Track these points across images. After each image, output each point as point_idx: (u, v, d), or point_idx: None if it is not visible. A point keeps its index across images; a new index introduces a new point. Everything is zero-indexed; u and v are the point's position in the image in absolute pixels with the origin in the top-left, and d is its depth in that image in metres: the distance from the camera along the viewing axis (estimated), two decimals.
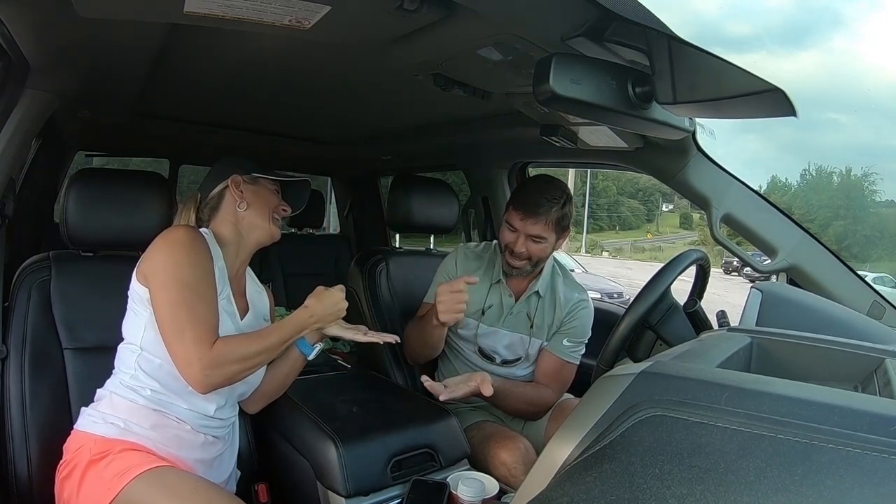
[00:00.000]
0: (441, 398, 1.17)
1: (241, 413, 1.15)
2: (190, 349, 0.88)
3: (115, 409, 0.95)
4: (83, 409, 0.99)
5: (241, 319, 1.06)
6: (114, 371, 1.00)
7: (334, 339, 1.19)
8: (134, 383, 0.96)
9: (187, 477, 0.93)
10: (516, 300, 1.41)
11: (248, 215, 1.07)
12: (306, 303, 1.03)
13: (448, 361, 1.47)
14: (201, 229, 1.04)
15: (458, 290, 1.20)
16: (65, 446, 0.96)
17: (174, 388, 0.96)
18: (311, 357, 1.14)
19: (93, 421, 0.95)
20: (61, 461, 0.95)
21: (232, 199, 1.07)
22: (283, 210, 1.12)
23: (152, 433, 0.94)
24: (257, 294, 1.14)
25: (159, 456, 0.93)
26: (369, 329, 1.12)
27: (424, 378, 1.21)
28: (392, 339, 1.14)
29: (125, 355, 0.98)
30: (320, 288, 1.05)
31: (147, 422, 0.94)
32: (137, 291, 0.96)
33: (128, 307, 0.99)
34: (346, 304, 1.06)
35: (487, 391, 1.21)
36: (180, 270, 0.92)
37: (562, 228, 1.34)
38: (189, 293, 0.91)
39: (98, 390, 1.00)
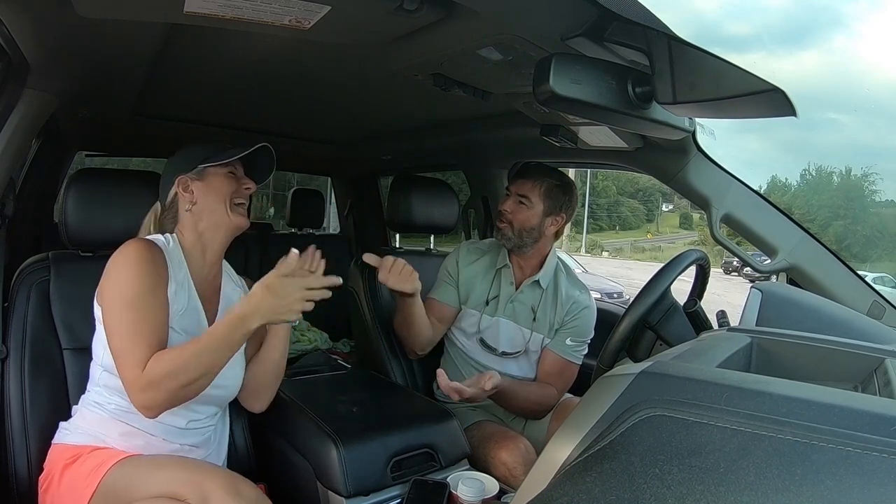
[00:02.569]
0: (454, 398, 1.19)
1: (242, 413, 1.15)
2: (130, 373, 0.85)
3: (85, 422, 0.95)
4: (61, 423, 0.98)
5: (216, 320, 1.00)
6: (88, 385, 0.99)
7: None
8: (100, 399, 0.95)
9: (164, 454, 0.93)
10: (517, 288, 1.42)
11: (202, 213, 1.00)
12: (253, 290, 0.86)
13: (451, 360, 1.47)
14: (166, 235, 1.00)
15: (389, 265, 1.27)
16: (45, 462, 0.96)
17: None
18: (295, 322, 0.93)
19: (67, 433, 0.95)
20: (41, 475, 0.95)
21: (183, 204, 1.00)
22: (246, 189, 1.02)
23: (122, 440, 0.93)
24: (233, 293, 1.09)
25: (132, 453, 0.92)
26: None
27: (440, 371, 1.21)
28: (335, 280, 0.90)
29: (93, 371, 0.97)
30: (273, 278, 0.85)
31: (116, 431, 0.93)
32: (98, 310, 0.93)
33: (96, 323, 0.96)
34: (307, 306, 0.86)
35: (490, 384, 1.21)
36: (124, 288, 0.88)
37: (552, 204, 1.37)
38: (131, 314, 0.87)
39: (73, 406, 1.00)
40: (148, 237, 0.98)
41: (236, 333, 0.85)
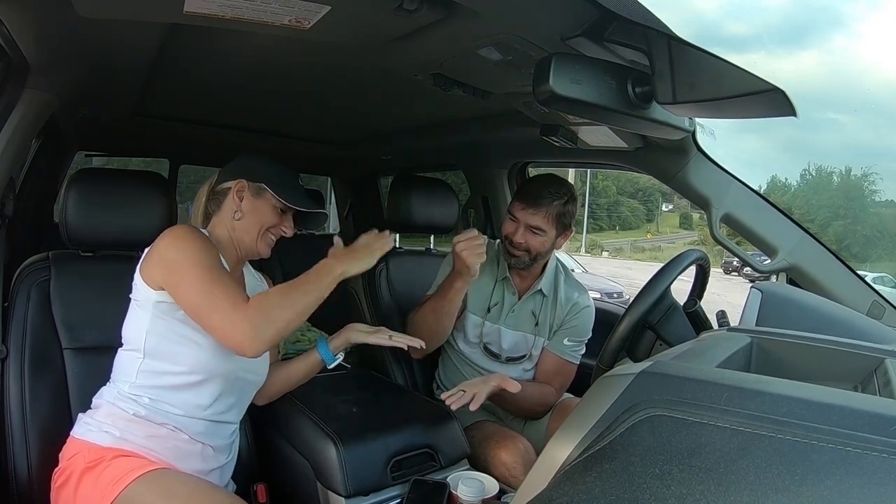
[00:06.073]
0: (472, 408, 1.17)
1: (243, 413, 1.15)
2: (230, 314, 0.88)
3: (111, 419, 0.94)
4: (80, 415, 0.98)
5: None
6: (111, 378, 0.99)
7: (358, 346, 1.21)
8: (132, 392, 0.95)
9: (185, 478, 0.92)
10: (519, 298, 1.42)
11: (238, 226, 1.04)
12: (330, 258, 0.98)
13: (450, 361, 1.47)
14: (201, 231, 1.03)
15: (473, 235, 1.21)
16: (61, 454, 0.95)
17: (172, 397, 0.96)
18: (330, 367, 1.16)
19: (88, 429, 0.94)
20: (57, 468, 0.94)
21: (231, 204, 1.05)
22: (283, 231, 1.07)
23: (148, 443, 0.93)
24: (257, 286, 1.13)
25: (154, 462, 0.92)
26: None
27: (445, 395, 1.20)
28: (417, 343, 1.16)
29: (126, 363, 0.97)
30: (339, 247, 1.01)
31: (143, 432, 0.93)
32: (145, 294, 0.94)
33: (129, 310, 0.98)
34: (375, 257, 1.00)
35: (514, 388, 1.21)
36: (196, 256, 0.92)
37: (563, 226, 1.34)
38: (212, 273, 0.91)
39: (94, 399, 1.00)
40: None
41: (325, 279, 0.94)
